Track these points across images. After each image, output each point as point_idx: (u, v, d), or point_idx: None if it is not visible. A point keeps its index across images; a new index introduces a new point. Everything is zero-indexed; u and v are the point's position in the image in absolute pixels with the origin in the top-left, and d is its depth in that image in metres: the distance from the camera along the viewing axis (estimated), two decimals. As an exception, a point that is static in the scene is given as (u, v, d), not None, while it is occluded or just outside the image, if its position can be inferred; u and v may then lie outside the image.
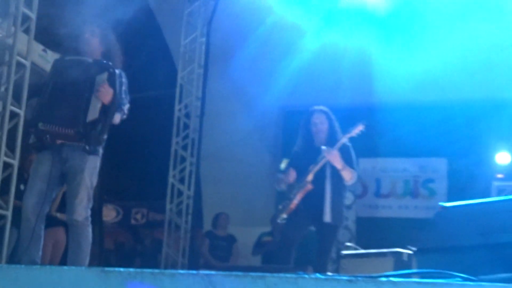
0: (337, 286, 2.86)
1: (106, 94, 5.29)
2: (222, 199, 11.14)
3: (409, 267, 6.34)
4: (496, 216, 3.92)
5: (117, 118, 5.54)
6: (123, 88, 5.60)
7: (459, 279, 2.84)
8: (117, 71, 5.54)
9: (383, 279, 2.81)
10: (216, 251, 10.13)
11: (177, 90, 10.93)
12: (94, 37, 5.71)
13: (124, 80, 5.63)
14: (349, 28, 10.28)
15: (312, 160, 6.79)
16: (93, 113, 5.30)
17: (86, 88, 5.36)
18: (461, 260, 3.57)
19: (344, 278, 2.92)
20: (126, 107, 5.63)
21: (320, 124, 6.93)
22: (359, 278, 2.85)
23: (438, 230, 4.18)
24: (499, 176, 9.31)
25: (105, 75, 5.39)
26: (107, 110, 5.37)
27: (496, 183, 9.66)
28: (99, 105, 5.32)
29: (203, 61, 10.99)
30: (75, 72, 5.42)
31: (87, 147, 5.31)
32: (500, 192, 9.27)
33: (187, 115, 10.96)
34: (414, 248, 6.33)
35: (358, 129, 6.68)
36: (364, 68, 10.15)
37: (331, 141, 6.82)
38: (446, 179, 11.04)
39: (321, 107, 7.06)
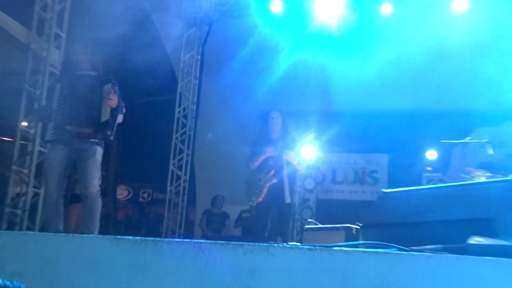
0: (300, 253, 3.04)
1: (113, 100, 5.48)
2: (211, 183, 11.23)
3: (356, 239, 6.51)
4: (425, 200, 3.82)
5: (120, 118, 5.67)
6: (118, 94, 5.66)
7: (395, 249, 3.08)
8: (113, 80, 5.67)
9: (336, 248, 3.05)
10: (212, 225, 10.23)
11: (177, 96, 10.96)
12: (86, 50, 5.77)
13: (117, 87, 5.67)
14: (314, 48, 10.21)
15: (272, 148, 6.75)
16: (105, 116, 5.49)
17: (96, 96, 5.50)
18: (397, 234, 3.56)
19: (306, 247, 3.10)
20: (123, 108, 5.71)
21: (276, 121, 6.86)
22: (317, 247, 3.05)
23: (380, 210, 4.13)
24: (428, 168, 9.38)
25: (109, 86, 5.54)
26: (114, 112, 5.55)
27: (426, 174, 9.78)
28: (108, 109, 5.49)
29: (198, 74, 11.15)
30: (86, 84, 5.56)
31: (96, 140, 5.51)
32: (428, 181, 9.40)
33: (185, 116, 10.97)
34: (360, 224, 6.48)
35: (310, 136, 6.76)
36: (325, 81, 10.12)
37: (283, 134, 6.80)
38: (387, 170, 11.20)
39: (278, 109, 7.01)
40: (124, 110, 5.73)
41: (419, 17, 9.81)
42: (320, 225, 7.68)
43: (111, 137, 5.66)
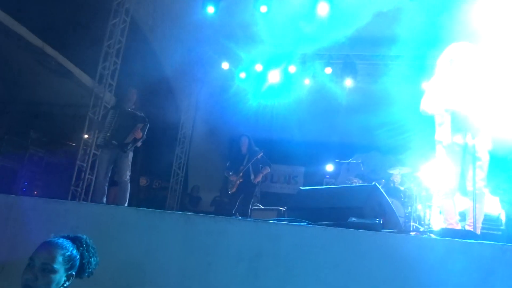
0: (248, 223, 3.09)
1: (138, 135, 5.43)
2: (198, 178, 10.97)
3: (283, 216, 6.32)
4: (325, 195, 3.86)
5: (139, 143, 5.55)
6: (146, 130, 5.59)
7: (305, 223, 3.10)
8: (147, 122, 5.58)
9: (271, 221, 3.06)
10: (192, 203, 10.07)
11: (180, 124, 10.90)
12: (135, 95, 5.70)
13: (146, 126, 5.58)
14: (265, 97, 10.09)
15: (240, 159, 6.80)
16: (128, 140, 5.43)
17: (131, 127, 5.45)
18: (308, 215, 3.57)
19: (252, 220, 3.14)
20: (143, 139, 5.58)
21: (244, 141, 6.88)
22: (259, 220, 3.08)
23: (298, 200, 4.08)
24: (327, 176, 9.42)
25: (141, 125, 5.49)
26: (135, 140, 5.47)
27: (325, 179, 9.72)
28: (132, 137, 5.44)
29: (195, 109, 11.10)
30: (128, 117, 5.52)
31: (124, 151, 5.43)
32: (326, 184, 9.25)
33: (184, 136, 10.90)
34: (285, 208, 6.47)
35: (260, 154, 6.76)
36: (270, 118, 9.98)
37: (250, 150, 6.80)
38: (303, 176, 11.06)
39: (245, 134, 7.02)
40: (141, 141, 5.59)
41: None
42: (262, 207, 7.58)
43: (127, 151, 5.49)
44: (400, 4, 7.19)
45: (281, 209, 7.03)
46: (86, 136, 7.74)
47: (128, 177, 5.48)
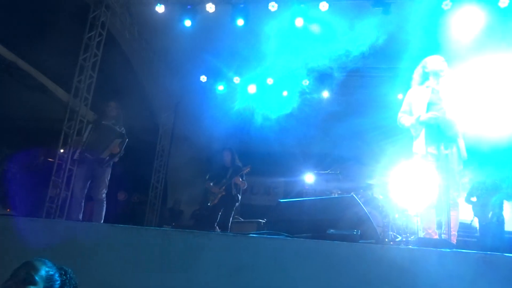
0: (227, 238, 3.08)
1: (115, 149, 5.36)
2: (177, 192, 10.81)
3: (263, 229, 6.22)
4: (304, 206, 3.94)
5: (116, 159, 5.47)
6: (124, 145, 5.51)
7: (283, 235, 3.11)
8: (125, 138, 5.49)
9: (250, 235, 3.06)
10: (174, 217, 9.91)
11: (159, 138, 10.79)
12: (114, 110, 5.61)
13: (124, 141, 5.50)
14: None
15: (223, 172, 6.80)
16: (105, 155, 5.34)
17: (108, 142, 5.37)
18: (287, 227, 3.68)
19: (231, 234, 3.14)
20: (120, 155, 5.49)
21: (227, 155, 6.91)
22: (238, 234, 3.08)
23: (277, 212, 4.09)
24: (307, 187, 9.36)
25: (119, 140, 5.41)
26: (112, 155, 5.38)
27: (305, 190, 9.63)
28: (109, 152, 5.35)
29: (173, 125, 11.04)
30: (106, 132, 5.45)
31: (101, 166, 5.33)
32: (306, 195, 8.92)
33: (163, 150, 10.80)
34: (264, 220, 6.47)
35: (247, 169, 6.77)
36: (248, 134, 9.90)
37: (232, 163, 6.82)
38: (283, 187, 10.99)
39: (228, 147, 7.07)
40: (119, 155, 5.51)
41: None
42: (242, 220, 7.55)
43: (103, 167, 5.39)
44: (376, 18, 7.38)
45: (261, 221, 7.06)
46: (61, 150, 7.58)
47: (104, 195, 5.38)
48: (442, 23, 7.00)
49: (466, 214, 6.90)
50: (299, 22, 7.57)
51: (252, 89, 9.88)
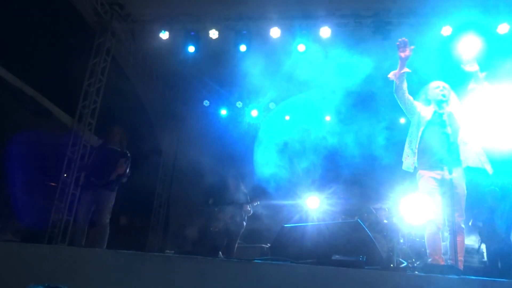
0: (230, 264, 3.05)
1: (121, 169, 5.40)
2: (180, 216, 10.62)
3: (267, 255, 6.28)
4: (308, 231, 3.91)
5: (124, 179, 5.53)
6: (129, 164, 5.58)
7: (288, 261, 3.08)
8: (129, 157, 5.57)
9: (255, 260, 3.03)
10: (176, 243, 9.65)
11: (161, 161, 10.80)
12: (117, 134, 5.71)
13: (129, 161, 5.57)
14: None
15: (228, 198, 6.71)
16: (113, 177, 5.38)
17: (114, 164, 5.42)
18: (291, 252, 3.68)
19: (234, 260, 3.11)
20: (128, 175, 5.57)
21: (232, 181, 6.89)
22: (241, 260, 3.04)
23: (281, 237, 4.08)
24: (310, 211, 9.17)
25: (123, 159, 5.47)
26: (119, 176, 5.44)
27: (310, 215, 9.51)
28: (116, 174, 5.39)
29: (176, 146, 11.03)
30: (109, 155, 5.52)
31: (109, 190, 5.37)
32: (311, 220, 9.06)
33: (165, 174, 10.81)
34: (268, 245, 6.38)
35: (257, 202, 6.76)
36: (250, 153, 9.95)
37: (237, 189, 6.76)
38: (287, 211, 10.60)
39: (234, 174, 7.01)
40: (127, 176, 5.55)
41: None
42: (245, 245, 7.45)
43: (114, 189, 5.44)
44: (377, 44, 7.51)
45: (264, 246, 7.00)
46: (65, 175, 7.60)
47: (108, 220, 5.39)
48: (442, 49, 7.09)
49: (474, 239, 6.83)
50: (301, 47, 7.69)
51: (254, 113, 9.95)
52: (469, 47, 7.07)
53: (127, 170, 5.52)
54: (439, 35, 7.13)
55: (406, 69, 4.10)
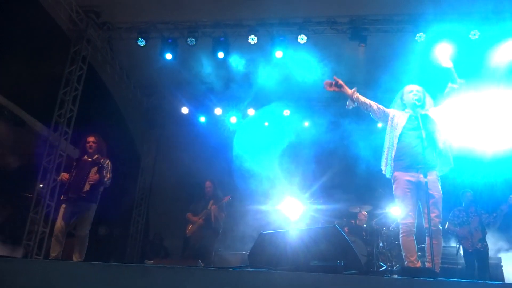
0: (208, 272, 3.00)
1: (92, 179, 5.25)
2: (160, 225, 10.54)
3: (246, 263, 6.42)
4: (286, 237, 3.90)
5: (101, 188, 5.39)
6: (106, 171, 5.38)
7: (266, 269, 3.04)
8: (105, 165, 5.40)
9: (233, 269, 2.99)
10: (155, 251, 9.68)
11: (140, 169, 10.70)
12: (97, 143, 5.54)
13: (106, 165, 5.39)
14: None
15: (204, 203, 6.83)
16: (86, 188, 5.24)
17: (86, 175, 5.31)
18: (270, 259, 3.66)
19: (212, 268, 3.06)
20: (108, 182, 5.40)
21: (208, 185, 6.95)
22: (220, 268, 3.00)
23: (259, 244, 3.95)
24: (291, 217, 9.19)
25: (95, 168, 5.33)
26: (94, 187, 5.28)
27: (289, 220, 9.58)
28: (89, 185, 5.25)
29: (155, 154, 10.92)
30: (83, 166, 5.39)
31: (91, 202, 5.26)
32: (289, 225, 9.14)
33: (144, 182, 10.68)
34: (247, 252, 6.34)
35: (227, 198, 6.79)
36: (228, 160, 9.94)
37: (214, 195, 6.84)
38: (267, 217, 10.63)
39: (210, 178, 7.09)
40: (106, 184, 5.41)
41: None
42: (225, 252, 7.44)
43: (91, 200, 5.28)
44: (353, 49, 7.61)
45: (245, 253, 6.95)
46: (40, 185, 7.42)
47: (88, 231, 5.28)
48: (417, 54, 7.23)
49: (451, 242, 6.95)
50: (278, 54, 7.73)
51: (233, 120, 9.93)
52: (442, 52, 7.27)
53: (104, 179, 5.36)
54: (413, 41, 7.26)
55: (347, 90, 4.24)
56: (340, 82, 4.27)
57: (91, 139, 5.57)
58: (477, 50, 7.34)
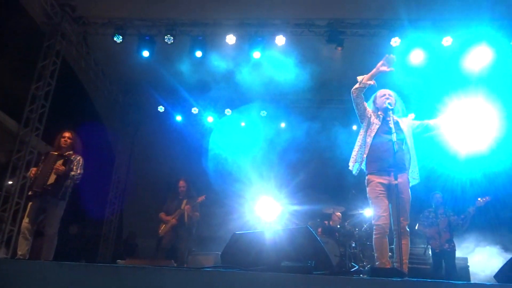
0: (180, 272, 2.99)
1: (59, 171, 5.08)
2: (134, 224, 10.40)
3: (219, 263, 6.39)
4: (259, 238, 3.73)
5: (68, 182, 5.19)
6: (76, 166, 5.21)
7: (238, 269, 3.05)
8: (73, 158, 5.25)
9: (205, 269, 2.99)
10: (128, 251, 9.53)
11: (114, 168, 10.55)
12: (70, 140, 5.39)
13: (77, 161, 5.24)
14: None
15: (177, 202, 6.80)
16: (50, 181, 5.09)
17: (51, 167, 5.14)
18: (242, 259, 3.63)
19: (184, 268, 3.05)
20: (76, 176, 5.21)
21: (182, 185, 6.90)
22: (191, 268, 3.00)
23: (232, 244, 3.87)
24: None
25: (61, 160, 5.15)
26: (59, 179, 5.10)
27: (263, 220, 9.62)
28: (54, 177, 5.09)
29: (129, 152, 10.79)
30: (51, 159, 5.23)
31: (58, 199, 5.09)
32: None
33: (118, 181, 10.54)
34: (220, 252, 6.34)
35: (202, 198, 6.79)
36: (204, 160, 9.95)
37: (188, 194, 6.83)
38: (241, 218, 10.70)
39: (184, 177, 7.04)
40: (74, 178, 5.22)
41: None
42: (199, 252, 7.40)
43: (57, 195, 5.09)
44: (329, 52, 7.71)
45: (218, 254, 6.95)
46: (9, 182, 7.22)
47: (56, 230, 5.12)
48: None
49: (420, 242, 7.12)
50: (256, 54, 7.75)
51: (210, 119, 9.91)
52: (417, 57, 7.46)
53: (71, 172, 5.20)
54: (389, 46, 7.40)
55: (373, 82, 4.24)
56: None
57: (67, 134, 5.42)
58: (450, 56, 7.55)
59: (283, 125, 10.03)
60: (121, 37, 7.87)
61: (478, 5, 6.72)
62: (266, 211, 7.93)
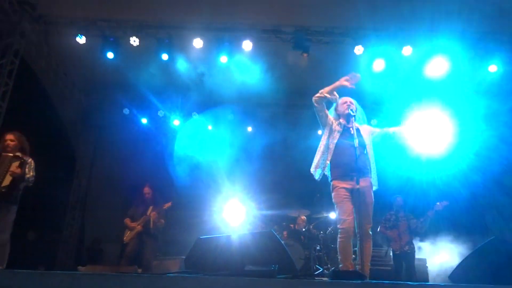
0: (141, 279, 2.94)
1: (15, 173, 4.89)
2: (97, 229, 10.03)
3: (183, 268, 6.34)
4: (223, 242, 3.96)
5: (21, 184, 4.98)
6: (28, 168, 5.01)
7: (201, 274, 3.04)
8: (27, 159, 5.04)
9: (168, 274, 2.96)
10: (92, 258, 9.29)
11: (75, 172, 10.22)
12: (12, 142, 5.13)
13: (28, 164, 5.03)
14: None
15: (142, 208, 6.72)
16: (6, 182, 4.89)
17: (6, 168, 4.93)
18: (205, 264, 3.63)
19: (146, 275, 3.00)
20: (30, 179, 5.02)
21: (147, 191, 6.84)
22: (153, 274, 2.96)
23: (197, 249, 3.97)
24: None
25: (17, 162, 4.96)
26: (14, 182, 4.90)
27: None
28: (10, 178, 4.88)
29: (92, 155, 10.51)
30: (5, 160, 5.00)
31: (8, 203, 4.87)
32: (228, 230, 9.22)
33: (79, 185, 10.22)
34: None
35: (168, 205, 6.70)
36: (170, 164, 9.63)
37: (154, 201, 6.74)
38: (207, 222, 10.63)
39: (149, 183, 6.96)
40: (29, 180, 5.03)
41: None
42: (164, 257, 7.29)
43: (12, 200, 4.89)
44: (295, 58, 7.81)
45: (183, 258, 6.89)
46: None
47: (8, 236, 4.88)
48: (356, 66, 7.55)
49: (381, 245, 7.30)
50: (223, 59, 7.74)
51: (176, 122, 9.80)
52: (379, 65, 7.68)
53: (26, 175, 4.99)
54: (353, 54, 7.57)
55: (336, 96, 4.39)
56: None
57: (9, 137, 5.17)
58: (410, 65, 7.81)
59: (250, 129, 10.06)
60: (84, 37, 7.67)
61: (438, 17, 6.99)
62: (233, 215, 7.92)
